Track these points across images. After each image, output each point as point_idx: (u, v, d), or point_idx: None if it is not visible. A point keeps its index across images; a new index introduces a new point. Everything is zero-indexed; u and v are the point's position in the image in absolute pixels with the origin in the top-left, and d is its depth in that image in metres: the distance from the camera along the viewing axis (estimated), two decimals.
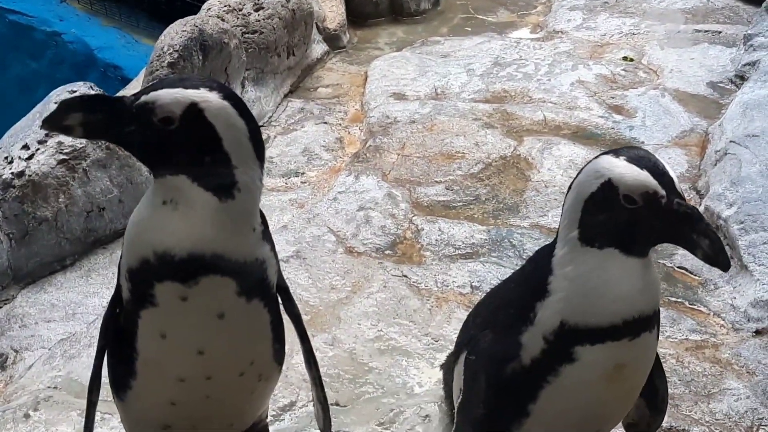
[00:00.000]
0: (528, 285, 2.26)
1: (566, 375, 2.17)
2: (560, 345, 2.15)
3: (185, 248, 2.03)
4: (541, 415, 2.27)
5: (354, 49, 6.01)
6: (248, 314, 2.21)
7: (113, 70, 7.15)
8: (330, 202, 4.21)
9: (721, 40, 5.82)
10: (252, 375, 2.32)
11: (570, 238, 2.11)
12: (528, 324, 2.19)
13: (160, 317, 2.12)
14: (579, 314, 2.11)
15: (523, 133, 4.79)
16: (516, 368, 2.23)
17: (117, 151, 3.90)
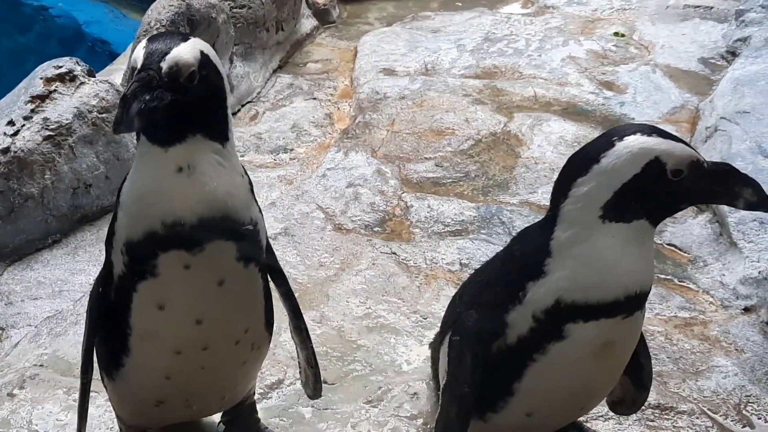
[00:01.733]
0: (517, 265, 2.25)
1: (554, 353, 2.18)
2: (551, 323, 2.16)
3: (197, 214, 2.04)
4: (526, 393, 2.28)
5: (344, 24, 5.98)
6: (245, 280, 2.24)
7: (101, 45, 7.10)
8: (319, 178, 4.19)
9: (712, 16, 5.80)
10: (246, 343, 2.34)
11: (585, 218, 2.10)
12: (516, 303, 2.20)
13: (159, 288, 2.12)
14: (581, 291, 2.12)
15: (514, 109, 4.77)
16: (501, 346, 2.24)
17: (103, 128, 3.86)
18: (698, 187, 2.08)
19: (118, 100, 1.92)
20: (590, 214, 2.09)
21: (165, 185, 2.04)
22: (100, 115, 3.86)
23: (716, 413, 2.96)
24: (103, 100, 3.88)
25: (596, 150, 2.10)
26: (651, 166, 2.04)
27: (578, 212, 2.11)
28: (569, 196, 2.12)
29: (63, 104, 3.81)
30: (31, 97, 3.79)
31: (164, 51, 1.96)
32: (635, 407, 2.57)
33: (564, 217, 2.14)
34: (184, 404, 2.43)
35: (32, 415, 2.86)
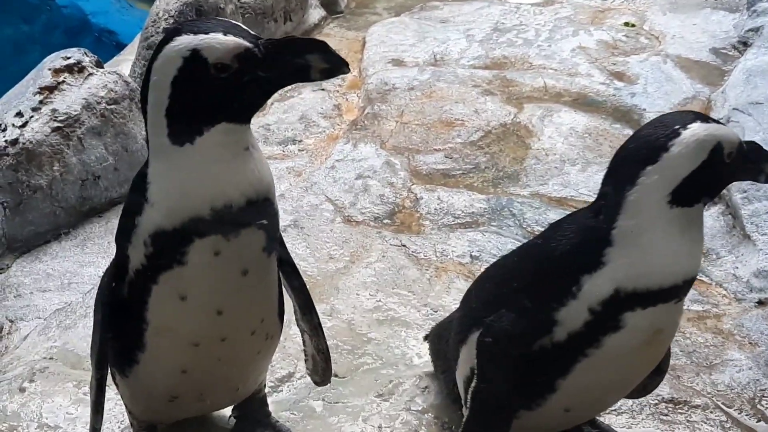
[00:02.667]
0: (567, 259, 2.21)
1: (608, 345, 2.18)
2: (608, 314, 2.16)
3: (247, 196, 2.04)
4: (569, 389, 2.26)
5: (352, 15, 5.95)
6: (266, 270, 2.24)
7: (107, 35, 7.09)
8: (328, 170, 4.17)
9: (724, 6, 5.76)
10: (261, 333, 2.34)
11: (652, 205, 2.12)
12: (569, 298, 2.18)
13: (184, 277, 2.10)
14: (643, 277, 2.13)
15: (524, 100, 4.74)
16: (545, 345, 2.22)
17: (112, 119, 3.86)
18: (739, 167, 2.19)
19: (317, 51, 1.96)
20: (659, 201, 2.12)
21: (230, 166, 2.03)
22: (108, 107, 3.85)
23: (730, 407, 2.94)
24: (111, 91, 3.86)
25: (662, 139, 2.12)
26: (715, 151, 2.12)
27: (647, 199, 2.12)
28: (637, 183, 2.13)
29: (71, 95, 3.79)
30: (40, 89, 3.78)
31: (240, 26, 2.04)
32: (646, 392, 2.57)
33: (630, 205, 2.14)
34: (197, 398, 2.42)
35: (42, 409, 2.84)
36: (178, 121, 2.03)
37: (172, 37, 2.02)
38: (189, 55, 1.97)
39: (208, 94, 2.00)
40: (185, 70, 1.98)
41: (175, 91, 2.01)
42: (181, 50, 1.98)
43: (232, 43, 1.96)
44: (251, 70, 1.98)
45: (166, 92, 2.02)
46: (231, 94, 2.00)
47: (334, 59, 1.98)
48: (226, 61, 1.96)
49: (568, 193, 4.03)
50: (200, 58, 1.96)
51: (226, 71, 1.97)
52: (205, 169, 2.03)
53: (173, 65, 1.99)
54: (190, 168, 2.04)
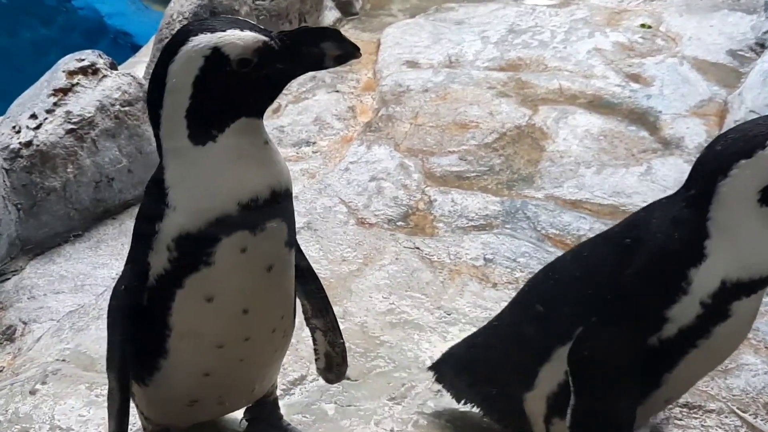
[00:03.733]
0: (668, 255, 2.19)
1: (717, 334, 2.18)
2: (718, 305, 2.14)
3: (271, 187, 2.05)
4: (673, 382, 2.25)
5: (367, 16, 5.93)
6: (289, 264, 2.25)
7: (123, 37, 7.11)
8: (341, 172, 4.16)
9: (741, 7, 5.71)
10: (280, 330, 2.34)
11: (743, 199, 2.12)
12: (680, 294, 2.15)
13: (211, 278, 2.09)
14: (746, 269, 2.13)
15: (538, 102, 4.72)
16: (653, 344, 2.19)
17: (126, 121, 3.86)
18: None
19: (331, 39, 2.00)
20: (749, 198, 2.12)
21: (253, 160, 2.04)
22: (122, 108, 3.85)
23: (746, 412, 2.91)
24: (125, 93, 3.87)
25: (761, 135, 2.12)
26: None
27: (738, 193, 2.13)
28: (729, 175, 2.12)
29: (85, 97, 3.80)
30: (54, 90, 3.79)
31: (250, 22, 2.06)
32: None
33: (722, 196, 2.14)
34: (218, 401, 2.42)
35: (54, 411, 2.84)
36: (199, 121, 2.03)
37: (186, 38, 2.01)
38: (210, 53, 1.97)
39: (231, 91, 2.00)
40: (207, 69, 1.98)
41: (197, 91, 2.01)
42: (201, 49, 1.98)
43: (251, 38, 1.97)
44: (270, 63, 1.99)
45: (187, 93, 2.01)
46: (252, 88, 2.01)
47: (346, 45, 2.01)
48: (248, 55, 1.97)
49: (583, 195, 4.01)
50: (222, 56, 1.97)
51: (247, 66, 1.97)
52: (229, 165, 2.03)
53: (194, 65, 1.99)
54: (214, 166, 2.04)
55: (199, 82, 2.00)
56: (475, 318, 3.33)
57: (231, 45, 1.96)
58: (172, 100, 2.04)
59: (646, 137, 4.43)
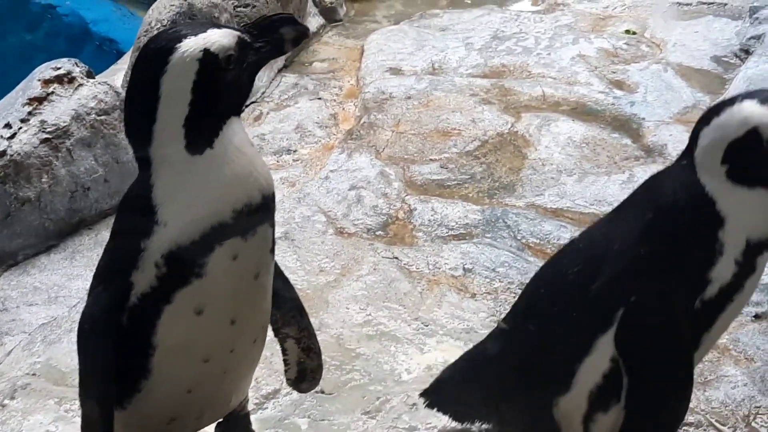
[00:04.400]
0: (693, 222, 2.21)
1: (747, 287, 2.23)
2: (747, 261, 2.19)
3: (262, 190, 2.05)
4: (708, 342, 2.29)
5: (351, 23, 5.90)
6: (271, 271, 2.24)
7: (108, 44, 7.07)
8: (321, 181, 4.12)
9: (726, 13, 5.68)
10: (260, 341, 2.33)
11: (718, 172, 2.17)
12: (717, 255, 2.18)
13: (202, 290, 2.06)
14: (761, 228, 2.18)
15: (521, 109, 4.68)
16: (697, 307, 2.21)
17: (102, 130, 3.82)
18: None
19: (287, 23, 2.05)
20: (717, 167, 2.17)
21: (245, 163, 2.04)
22: (98, 118, 3.81)
23: (725, 425, 2.88)
24: (102, 102, 3.83)
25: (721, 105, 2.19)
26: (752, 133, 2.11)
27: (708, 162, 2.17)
28: (698, 145, 2.20)
29: (61, 106, 3.76)
30: (29, 100, 3.74)
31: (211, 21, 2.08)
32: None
33: (699, 166, 2.20)
34: (196, 416, 2.37)
35: (23, 426, 2.81)
36: (197, 128, 2.00)
37: (171, 46, 1.97)
38: (203, 56, 1.96)
39: (224, 90, 2.01)
40: (203, 72, 1.97)
41: (196, 97, 1.98)
42: (194, 54, 1.96)
43: (229, 34, 2.00)
44: (246, 55, 2.01)
45: (186, 101, 1.98)
46: (236, 84, 2.03)
47: (299, 26, 2.07)
48: (232, 51, 1.98)
49: (564, 204, 3.98)
50: (213, 56, 1.97)
51: (231, 62, 1.99)
52: (224, 170, 2.01)
53: (191, 71, 1.96)
54: (210, 174, 2.02)
55: (197, 87, 1.98)
56: (452, 329, 3.30)
57: (218, 44, 1.97)
58: (168, 111, 1.99)
59: (629, 144, 4.40)
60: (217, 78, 1.98)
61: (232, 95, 2.04)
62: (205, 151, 2.00)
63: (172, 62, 1.96)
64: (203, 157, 2.01)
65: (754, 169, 2.15)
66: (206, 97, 1.99)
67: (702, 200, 2.19)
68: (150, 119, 2.00)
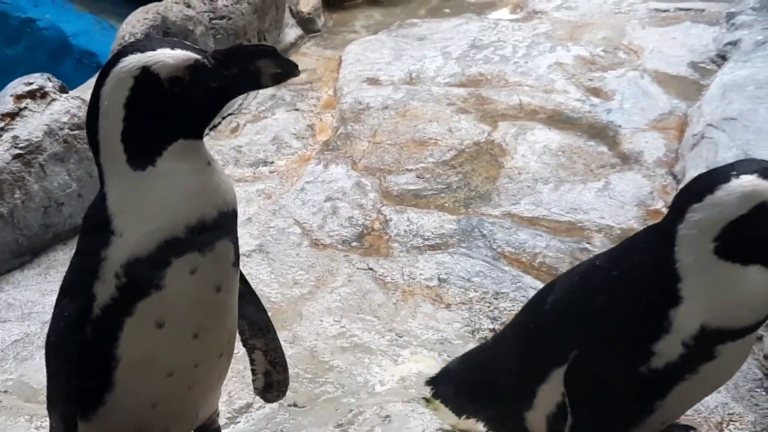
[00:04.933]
0: (648, 293, 2.18)
1: (705, 371, 2.17)
2: (701, 347, 2.13)
3: (218, 208, 2.03)
4: (667, 408, 2.26)
5: (329, 33, 5.90)
6: (235, 285, 2.21)
7: (88, 57, 7.02)
8: (297, 192, 4.11)
9: (704, 19, 5.69)
10: (226, 355, 2.30)
11: (703, 249, 2.09)
12: (663, 333, 2.14)
13: (162, 302, 2.05)
14: (721, 318, 2.11)
15: (498, 118, 4.68)
16: (644, 372, 2.18)
17: (75, 145, 3.81)
18: None
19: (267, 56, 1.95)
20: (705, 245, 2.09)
21: (197, 183, 2.01)
22: (71, 132, 3.80)
23: None
24: (74, 116, 3.82)
25: (714, 180, 2.10)
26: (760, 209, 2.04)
27: (694, 239, 2.11)
28: (685, 219, 2.12)
29: (33, 122, 3.74)
30: (1, 115, 3.73)
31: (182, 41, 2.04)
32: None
33: (681, 240, 2.12)
34: (163, 430, 2.34)
35: None
36: (135, 145, 1.99)
37: (117, 59, 1.97)
38: (139, 73, 1.94)
39: (163, 111, 1.97)
40: (138, 90, 1.95)
41: (129, 114, 1.96)
42: (130, 70, 1.94)
43: (182, 55, 1.95)
44: (203, 81, 1.96)
45: (120, 116, 1.97)
46: (185, 108, 1.98)
47: (284, 63, 1.96)
48: (179, 74, 1.94)
49: (540, 212, 3.98)
50: (152, 75, 1.93)
51: (179, 85, 1.94)
52: (172, 188, 2.00)
53: (124, 86, 1.95)
54: (157, 190, 2.00)
55: (130, 103, 1.96)
56: (426, 340, 3.29)
57: (161, 64, 1.93)
58: (106, 124, 1.99)
59: (605, 152, 4.40)
60: (154, 97, 1.95)
61: (178, 118, 1.98)
62: (147, 168, 1.99)
63: (110, 76, 1.96)
64: (146, 173, 1.99)
65: (756, 245, 2.08)
66: (141, 116, 1.97)
67: (667, 274, 2.14)
68: (94, 130, 2.01)
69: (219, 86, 1.98)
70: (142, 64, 1.94)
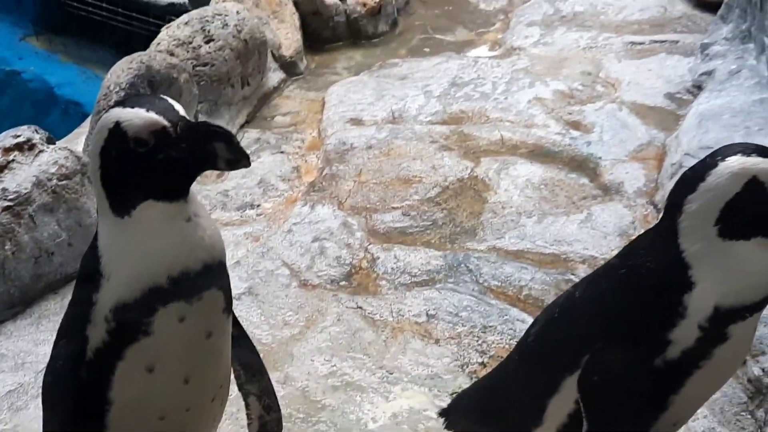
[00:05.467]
0: (659, 284, 2.23)
1: (718, 355, 2.21)
2: (715, 329, 2.18)
3: (202, 261, 2.06)
4: (680, 404, 2.28)
5: (312, 75, 5.96)
6: (226, 331, 2.24)
7: (74, 107, 7.10)
8: (284, 234, 4.16)
9: (678, 50, 5.79)
10: (219, 399, 2.33)
11: (707, 235, 2.17)
12: (678, 318, 2.19)
13: (151, 348, 2.08)
14: (733, 296, 2.16)
15: (480, 153, 4.75)
16: (659, 365, 2.22)
17: (64, 195, 3.84)
18: None
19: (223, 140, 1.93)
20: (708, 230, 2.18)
21: (176, 237, 2.04)
22: (60, 183, 3.83)
23: None
24: (62, 167, 3.85)
25: (703, 168, 2.19)
26: (751, 185, 2.13)
27: (696, 227, 2.19)
28: (683, 211, 2.21)
29: (22, 173, 3.78)
30: None
31: (169, 105, 2.02)
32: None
33: (684, 231, 2.21)
34: None
35: None
36: (113, 192, 2.05)
37: (110, 109, 2.06)
38: (113, 126, 2.00)
39: (128, 168, 2.02)
40: (109, 142, 2.01)
41: (103, 162, 2.04)
42: (107, 122, 2.02)
43: (149, 119, 1.98)
44: (166, 149, 1.99)
45: (97, 163, 2.06)
46: (149, 170, 2.01)
47: (236, 151, 1.96)
48: (143, 135, 1.98)
49: (525, 245, 4.04)
50: (121, 131, 1.99)
51: (143, 146, 1.98)
52: (150, 240, 2.04)
53: (101, 136, 2.03)
54: (137, 239, 2.05)
55: (103, 153, 2.03)
56: (417, 376, 3.33)
57: (129, 122, 1.98)
58: (91, 167, 2.11)
59: (587, 184, 4.47)
60: (121, 153, 2.00)
61: (144, 179, 2.01)
62: (125, 217, 2.04)
63: (98, 124, 2.06)
64: (125, 222, 2.05)
65: (756, 218, 2.16)
66: (112, 167, 2.03)
67: (675, 263, 2.20)
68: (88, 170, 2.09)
69: (181, 158, 1.99)
70: (116, 119, 2.00)
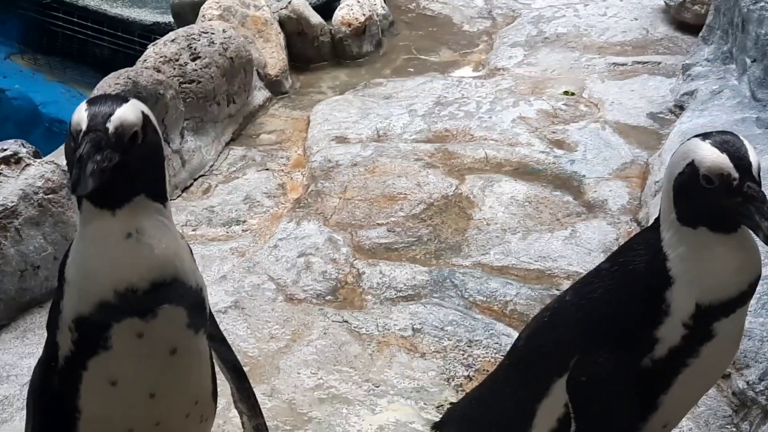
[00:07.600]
0: (643, 279, 2.23)
1: (705, 353, 2.20)
2: (700, 326, 2.17)
3: (149, 279, 2.01)
4: (669, 404, 2.28)
5: (297, 94, 5.99)
6: (195, 348, 2.21)
7: (58, 125, 7.08)
8: (270, 249, 4.17)
9: (660, 71, 5.87)
10: (195, 416, 2.31)
11: (671, 219, 2.17)
12: (663, 316, 2.19)
13: (112, 362, 2.07)
14: (710, 293, 2.14)
15: (465, 171, 4.79)
16: (646, 365, 2.22)
17: (50, 209, 3.84)
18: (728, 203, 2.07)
19: (74, 161, 1.87)
20: (670, 215, 2.17)
21: (115, 253, 2.00)
22: (46, 196, 3.83)
23: None
24: (49, 180, 3.86)
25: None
26: (687, 171, 2.10)
27: (667, 215, 2.19)
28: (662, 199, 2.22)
29: (8, 187, 3.78)
30: None
31: (108, 112, 1.93)
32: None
33: (663, 219, 2.21)
34: None
35: None
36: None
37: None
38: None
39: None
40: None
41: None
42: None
43: (79, 115, 1.95)
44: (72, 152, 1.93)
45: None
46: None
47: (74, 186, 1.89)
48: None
49: (509, 261, 4.07)
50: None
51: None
52: (98, 252, 2.02)
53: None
54: (90, 248, 2.04)
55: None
56: (403, 389, 3.35)
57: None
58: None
59: (571, 201, 4.51)
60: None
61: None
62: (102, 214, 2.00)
63: None
64: (85, 230, 2.03)
65: (695, 206, 2.12)
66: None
67: (656, 255, 2.20)
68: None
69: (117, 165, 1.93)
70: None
